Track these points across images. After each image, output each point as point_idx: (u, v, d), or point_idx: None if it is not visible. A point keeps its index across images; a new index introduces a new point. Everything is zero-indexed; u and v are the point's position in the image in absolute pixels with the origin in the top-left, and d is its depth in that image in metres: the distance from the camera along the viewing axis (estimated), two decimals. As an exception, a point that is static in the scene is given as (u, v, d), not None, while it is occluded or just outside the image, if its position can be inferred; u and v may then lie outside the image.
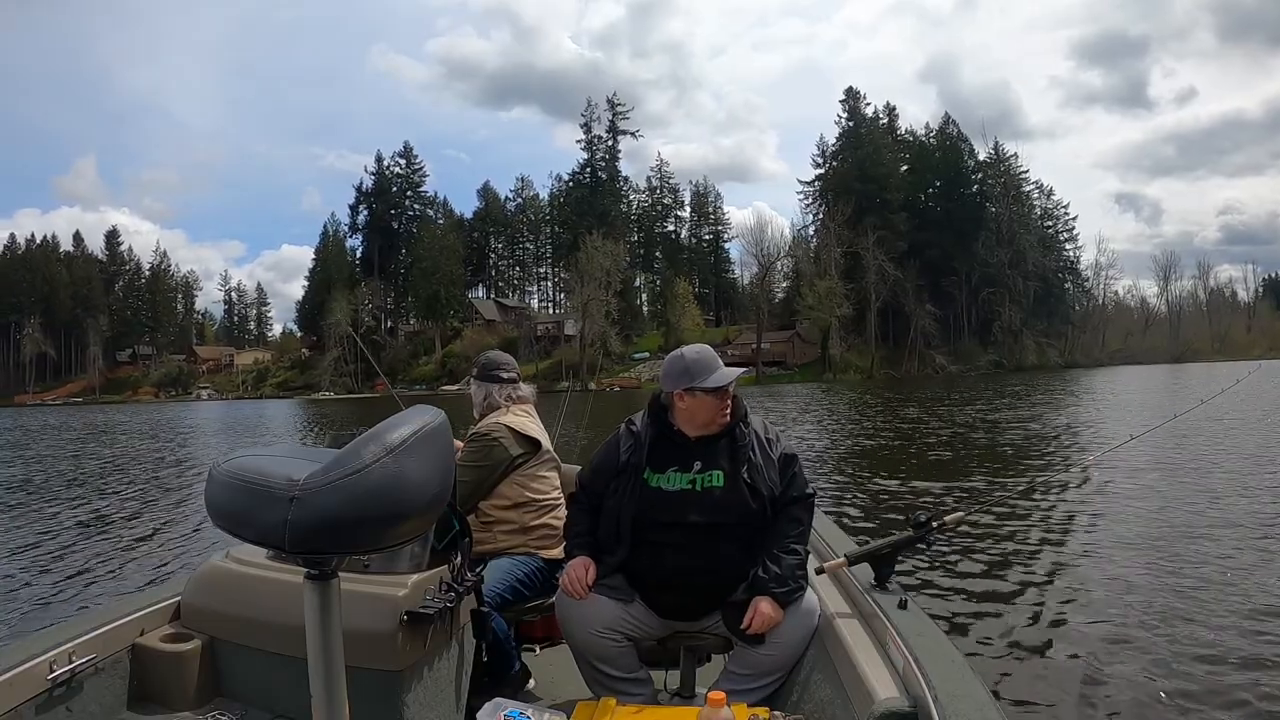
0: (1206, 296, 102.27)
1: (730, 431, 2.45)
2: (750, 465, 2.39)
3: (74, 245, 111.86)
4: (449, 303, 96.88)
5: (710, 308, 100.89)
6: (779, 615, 2.28)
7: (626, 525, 2.41)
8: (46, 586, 6.61)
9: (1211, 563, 5.96)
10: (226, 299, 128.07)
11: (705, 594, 2.39)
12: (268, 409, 59.35)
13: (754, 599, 2.28)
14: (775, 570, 2.30)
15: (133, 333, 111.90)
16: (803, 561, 2.37)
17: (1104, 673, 4.05)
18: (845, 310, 79.77)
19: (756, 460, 2.41)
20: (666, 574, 2.38)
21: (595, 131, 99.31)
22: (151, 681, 2.13)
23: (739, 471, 2.38)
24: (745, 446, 2.42)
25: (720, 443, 2.44)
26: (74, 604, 5.98)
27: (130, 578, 6.80)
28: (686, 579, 2.37)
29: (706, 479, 2.39)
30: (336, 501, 0.85)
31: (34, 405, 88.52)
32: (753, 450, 2.42)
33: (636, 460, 2.45)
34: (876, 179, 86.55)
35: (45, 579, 6.86)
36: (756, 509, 2.36)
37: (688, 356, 2.45)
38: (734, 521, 2.36)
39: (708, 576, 2.36)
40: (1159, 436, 10.68)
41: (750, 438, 2.45)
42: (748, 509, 2.36)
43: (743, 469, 2.38)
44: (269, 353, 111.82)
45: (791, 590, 2.30)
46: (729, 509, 2.36)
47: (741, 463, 2.39)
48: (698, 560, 2.35)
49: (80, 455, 20.42)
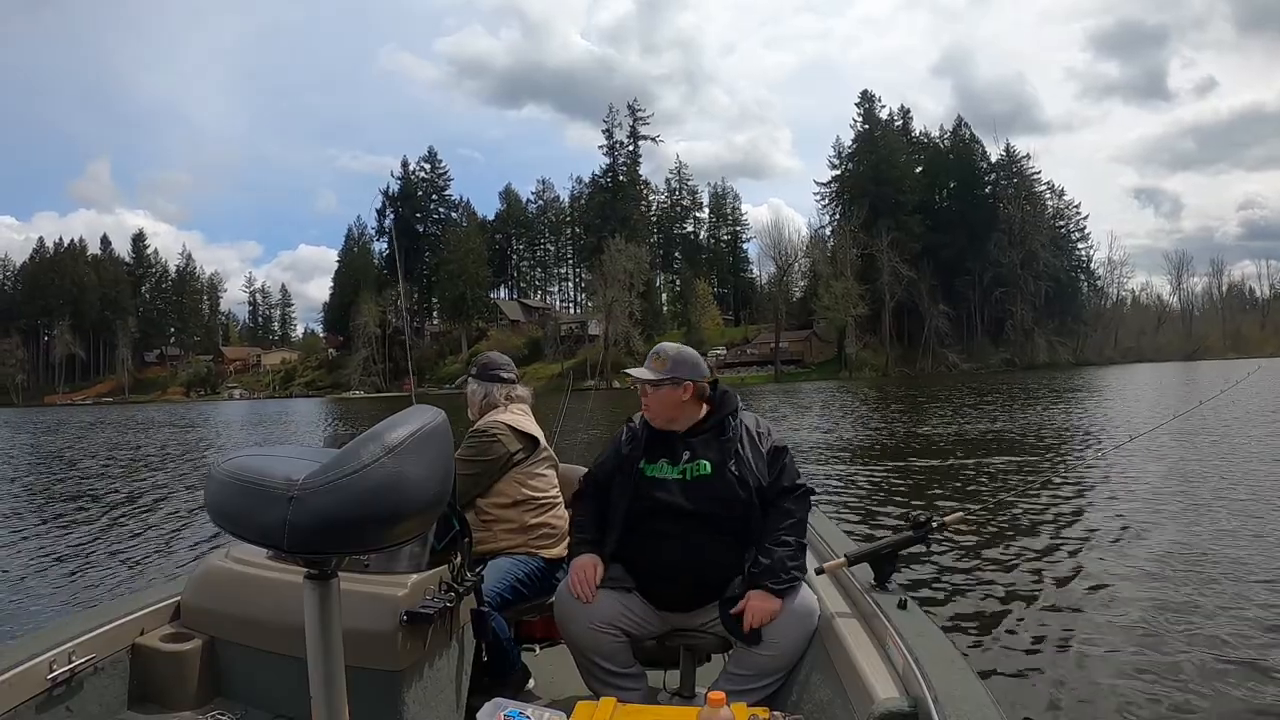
0: (1221, 294, 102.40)
1: (719, 425, 2.53)
2: (738, 457, 2.44)
3: (101, 248, 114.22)
4: (474, 304, 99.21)
5: (729, 307, 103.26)
6: (773, 606, 2.29)
7: (620, 514, 2.49)
8: (46, 586, 6.61)
9: (1212, 561, 5.98)
10: (251, 300, 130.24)
11: (698, 585, 2.42)
12: (300, 406, 61.72)
13: (747, 593, 2.32)
14: (765, 563, 2.32)
15: (160, 334, 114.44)
16: (795, 553, 2.37)
17: (1105, 672, 4.05)
18: (861, 310, 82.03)
19: (744, 452, 2.46)
20: (660, 564, 2.42)
21: (616, 137, 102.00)
22: (151, 681, 2.14)
23: (726, 462, 2.43)
24: (734, 439, 2.48)
25: (708, 436, 2.51)
26: (75, 603, 6.01)
27: (133, 577, 6.79)
28: (679, 569, 2.40)
29: (695, 468, 2.45)
30: (336, 501, 0.85)
31: (64, 405, 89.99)
32: (740, 443, 2.48)
33: (634, 453, 2.54)
34: (891, 181, 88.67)
35: (45, 578, 6.87)
36: (744, 498, 2.39)
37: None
38: (723, 512, 2.39)
39: (699, 568, 2.40)
40: (1160, 436, 10.72)
41: (739, 431, 2.51)
42: (735, 498, 2.39)
43: (730, 460, 2.43)
44: (295, 353, 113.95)
45: (784, 582, 2.31)
46: (716, 498, 2.40)
47: (729, 454, 2.44)
48: (689, 551, 2.40)
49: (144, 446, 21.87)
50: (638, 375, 2.54)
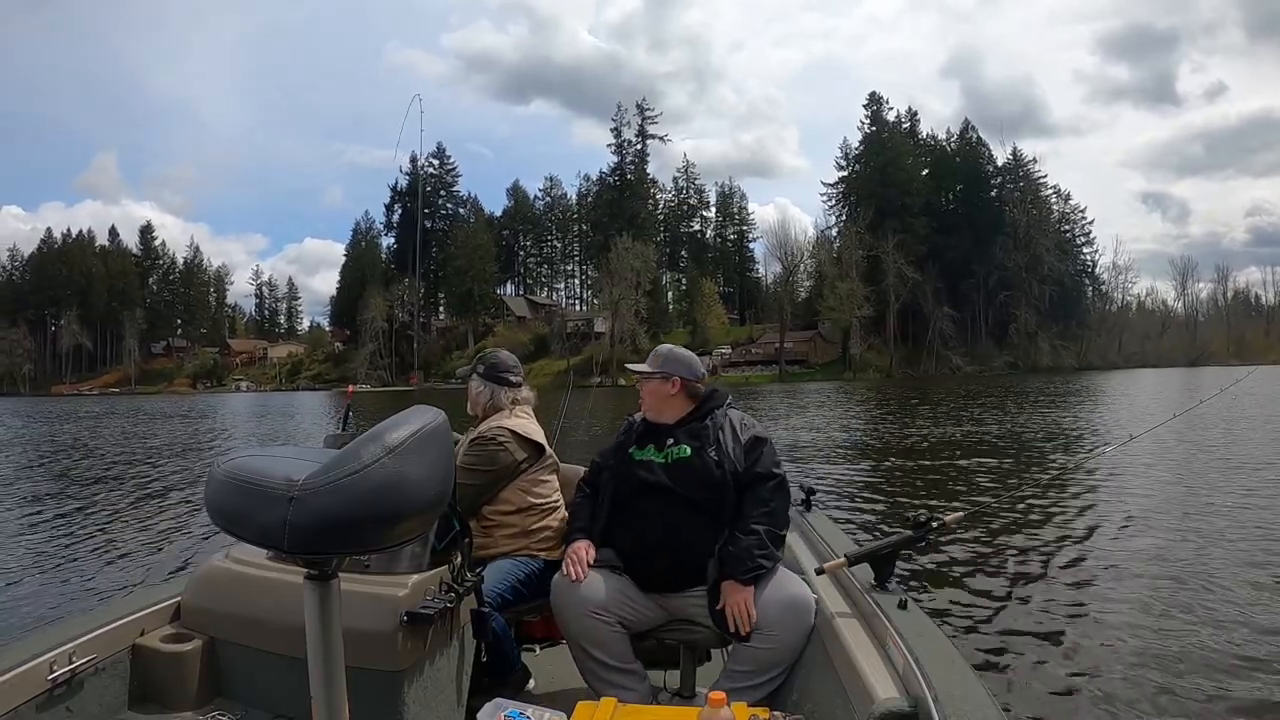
0: (1226, 300, 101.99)
1: (703, 416, 2.68)
2: (718, 444, 2.58)
3: (109, 239, 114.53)
4: (481, 300, 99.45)
5: (735, 306, 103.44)
6: (745, 597, 2.37)
7: (609, 496, 2.66)
8: (46, 586, 6.56)
9: (1213, 560, 6.01)
10: (257, 293, 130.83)
11: (676, 563, 2.51)
12: (309, 399, 61.77)
13: (721, 585, 2.42)
14: (732, 550, 2.42)
15: (167, 325, 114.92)
16: (763, 542, 2.42)
17: (1105, 672, 4.06)
18: (865, 311, 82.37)
19: (724, 440, 2.60)
20: (641, 543, 2.54)
21: (625, 135, 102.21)
22: (152, 681, 2.14)
23: (705, 447, 2.58)
24: (714, 428, 2.63)
25: (693, 425, 2.66)
26: (76, 602, 5.99)
27: (133, 575, 6.74)
28: (658, 547, 2.51)
29: (675, 452, 2.61)
30: (336, 502, 0.85)
31: (70, 395, 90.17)
32: (721, 431, 2.62)
33: (627, 441, 2.74)
34: (898, 183, 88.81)
35: (44, 578, 6.79)
36: (719, 479, 2.51)
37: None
38: (699, 493, 2.52)
39: (676, 547, 2.50)
40: (1159, 437, 10.85)
41: (724, 421, 2.66)
42: (711, 480, 2.51)
43: (710, 446, 2.58)
44: (301, 346, 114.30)
45: (750, 570, 2.38)
46: (694, 480, 2.53)
47: (709, 441, 2.59)
48: (668, 529, 2.51)
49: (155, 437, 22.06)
50: (634, 369, 2.77)
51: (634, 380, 2.85)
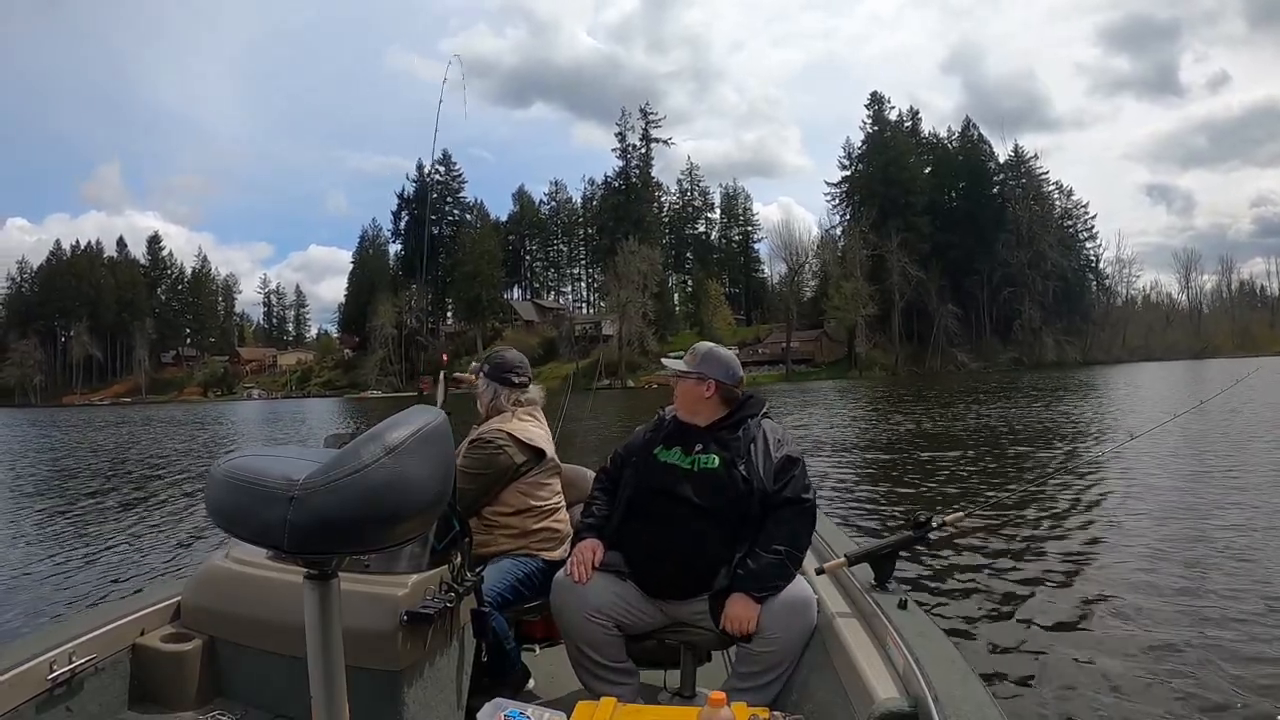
0: (1231, 292, 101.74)
1: (736, 425, 2.57)
2: (748, 458, 2.47)
3: (117, 250, 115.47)
4: (489, 305, 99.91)
5: (741, 307, 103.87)
6: (752, 613, 2.32)
7: (626, 495, 2.58)
8: (46, 585, 6.61)
9: (1214, 559, 5.98)
10: (265, 301, 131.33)
11: (686, 571, 2.44)
12: (319, 405, 62.68)
13: (731, 595, 2.36)
14: (751, 566, 2.35)
15: (176, 335, 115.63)
16: (783, 563, 2.37)
17: (1105, 672, 4.03)
18: (870, 310, 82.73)
19: (755, 455, 2.48)
20: (652, 547, 2.46)
21: (629, 140, 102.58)
22: (152, 681, 2.14)
23: (735, 460, 2.47)
24: (746, 440, 2.52)
25: (724, 434, 2.55)
26: (75, 602, 6.00)
27: (132, 577, 6.76)
28: (669, 553, 2.44)
29: (703, 460, 2.50)
30: (336, 501, 0.85)
31: (82, 405, 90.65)
32: (753, 444, 2.51)
33: (653, 438, 2.65)
34: (901, 183, 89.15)
35: (45, 578, 6.87)
36: (745, 495, 2.42)
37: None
38: (722, 507, 2.43)
39: (688, 555, 2.42)
40: (1160, 435, 10.71)
41: (757, 433, 2.54)
42: (737, 493, 2.42)
43: (739, 459, 2.47)
44: (310, 353, 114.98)
45: (766, 590, 2.33)
46: (719, 492, 2.44)
47: (740, 453, 2.48)
48: (682, 537, 2.43)
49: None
50: (670, 365, 2.69)
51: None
